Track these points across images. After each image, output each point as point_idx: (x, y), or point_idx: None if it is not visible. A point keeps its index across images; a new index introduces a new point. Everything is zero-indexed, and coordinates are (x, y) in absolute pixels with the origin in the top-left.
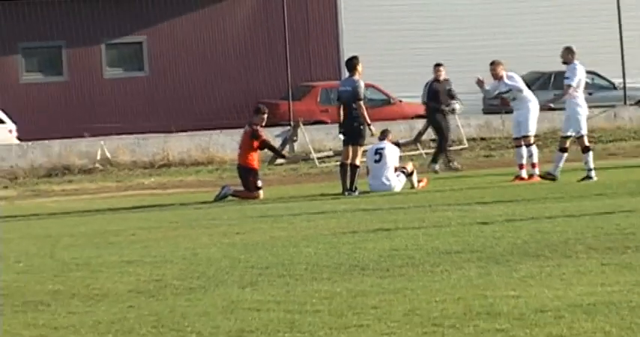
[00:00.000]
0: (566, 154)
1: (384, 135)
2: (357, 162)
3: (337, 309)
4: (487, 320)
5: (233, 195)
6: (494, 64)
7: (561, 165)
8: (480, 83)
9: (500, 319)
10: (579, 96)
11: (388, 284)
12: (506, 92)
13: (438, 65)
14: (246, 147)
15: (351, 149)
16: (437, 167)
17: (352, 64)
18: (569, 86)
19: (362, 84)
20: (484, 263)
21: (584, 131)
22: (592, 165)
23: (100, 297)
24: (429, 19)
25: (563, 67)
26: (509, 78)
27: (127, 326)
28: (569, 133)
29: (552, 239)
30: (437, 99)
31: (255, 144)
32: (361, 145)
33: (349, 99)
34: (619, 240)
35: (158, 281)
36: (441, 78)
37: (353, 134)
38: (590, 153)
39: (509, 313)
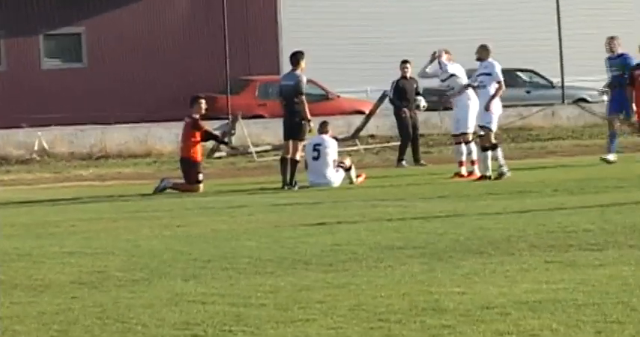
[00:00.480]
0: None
1: (322, 128)
2: (298, 157)
3: (282, 303)
4: (433, 316)
5: (172, 188)
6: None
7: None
8: (434, 57)
9: (446, 315)
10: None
11: (332, 279)
12: (446, 79)
13: (404, 62)
14: (188, 140)
15: (291, 144)
16: (404, 163)
17: (296, 58)
18: (500, 82)
19: (304, 79)
20: (427, 260)
21: (495, 126)
22: (503, 161)
23: (43, 288)
24: (369, 15)
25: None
26: (451, 67)
27: (72, 317)
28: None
29: (495, 236)
30: (403, 96)
31: (197, 135)
32: (302, 140)
33: (291, 93)
34: (561, 238)
35: (101, 273)
36: (408, 75)
37: (294, 129)
38: (499, 150)
39: (455, 309)
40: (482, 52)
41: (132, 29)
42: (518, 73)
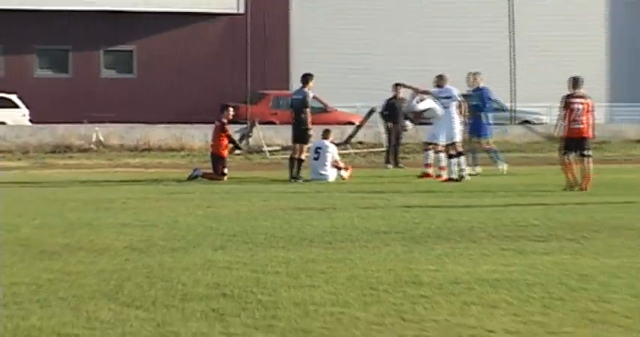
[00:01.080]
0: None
1: (325, 135)
2: (303, 157)
3: (293, 272)
4: (413, 287)
5: (202, 177)
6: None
7: (456, 168)
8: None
9: (424, 287)
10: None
11: (332, 255)
12: (424, 111)
13: (397, 85)
14: (217, 139)
15: (298, 146)
16: (389, 166)
17: (306, 78)
18: (461, 102)
19: (311, 95)
20: (407, 243)
21: (458, 138)
22: (465, 166)
23: (102, 251)
24: (362, 46)
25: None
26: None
27: (125, 275)
28: (443, 141)
29: (460, 226)
30: (393, 112)
31: (224, 136)
32: (306, 143)
33: (299, 106)
34: (514, 230)
35: (147, 241)
36: (399, 96)
37: (300, 134)
38: (463, 158)
39: (431, 283)
40: (440, 81)
41: (173, 49)
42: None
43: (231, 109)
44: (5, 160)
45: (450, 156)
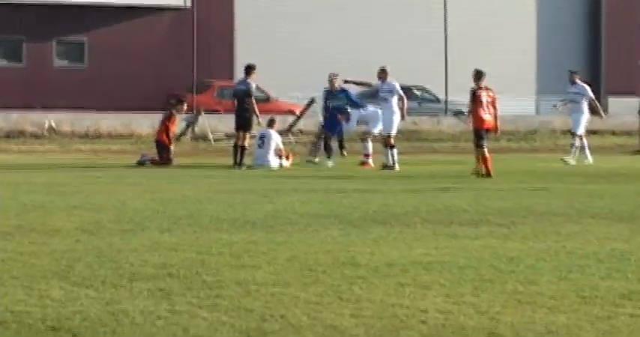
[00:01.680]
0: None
1: (270, 123)
2: (246, 144)
3: (236, 253)
4: (350, 269)
5: (151, 162)
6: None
7: (390, 158)
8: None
9: (360, 269)
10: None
11: (273, 237)
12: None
13: (345, 81)
14: (162, 127)
15: (241, 133)
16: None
17: (249, 69)
18: (402, 96)
19: (254, 85)
20: (345, 226)
21: (394, 131)
22: (397, 158)
23: (53, 232)
24: (303, 37)
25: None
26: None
27: (76, 255)
28: (384, 131)
29: (396, 211)
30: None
31: (170, 126)
32: (249, 131)
33: (243, 96)
34: (446, 216)
35: (97, 223)
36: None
37: (244, 122)
38: (395, 149)
39: (367, 265)
40: (382, 74)
41: (123, 40)
42: (413, 90)
43: (185, 105)
44: None
45: (386, 146)
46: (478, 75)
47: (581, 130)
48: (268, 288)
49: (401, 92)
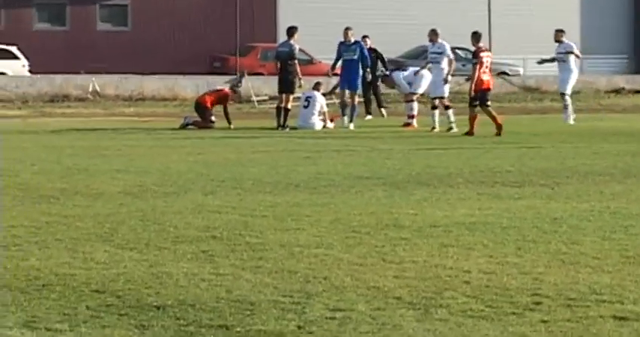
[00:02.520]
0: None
1: (316, 86)
2: (289, 106)
3: (279, 216)
4: (394, 230)
5: (193, 124)
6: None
7: (437, 119)
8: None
9: (404, 230)
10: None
11: (316, 199)
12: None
13: (365, 36)
14: (213, 96)
15: (284, 96)
16: (369, 116)
17: (292, 31)
18: (451, 59)
19: (297, 47)
20: (388, 188)
21: (447, 93)
22: (453, 119)
23: (97, 196)
24: (345, 2)
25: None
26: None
27: (120, 218)
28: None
29: (439, 172)
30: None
31: (215, 99)
32: (292, 93)
33: (286, 58)
34: (489, 176)
35: (141, 186)
36: (370, 45)
37: (287, 84)
38: (451, 111)
39: (410, 226)
40: (433, 36)
41: (166, 3)
42: (456, 51)
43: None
44: (5, 109)
45: (434, 108)
46: (476, 36)
47: (568, 90)
48: (311, 250)
49: (451, 55)
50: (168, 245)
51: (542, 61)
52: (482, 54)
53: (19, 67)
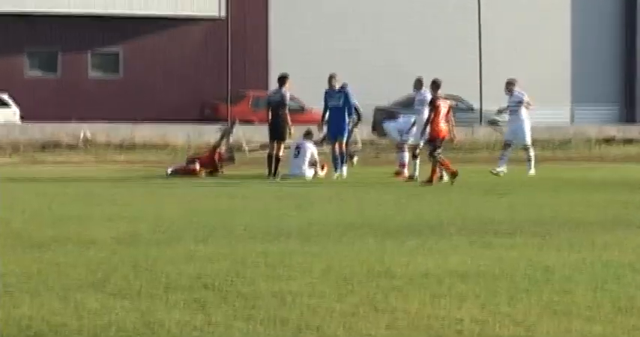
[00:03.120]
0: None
1: (307, 135)
2: (281, 154)
3: (271, 264)
4: (386, 279)
5: (176, 171)
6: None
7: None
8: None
9: (396, 280)
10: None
11: (308, 248)
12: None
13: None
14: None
15: (276, 144)
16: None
17: (283, 79)
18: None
19: (288, 95)
20: (380, 236)
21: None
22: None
23: (89, 243)
24: (337, 49)
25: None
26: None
27: (112, 266)
28: (413, 141)
29: (430, 221)
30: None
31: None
32: (284, 141)
33: (277, 105)
34: (481, 225)
35: (133, 234)
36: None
37: (278, 132)
38: (417, 160)
39: (403, 275)
40: (417, 84)
41: (158, 51)
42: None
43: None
44: None
45: (414, 156)
46: (435, 85)
47: (528, 140)
48: (304, 299)
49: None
50: (161, 293)
51: (500, 111)
52: (439, 102)
53: (10, 114)
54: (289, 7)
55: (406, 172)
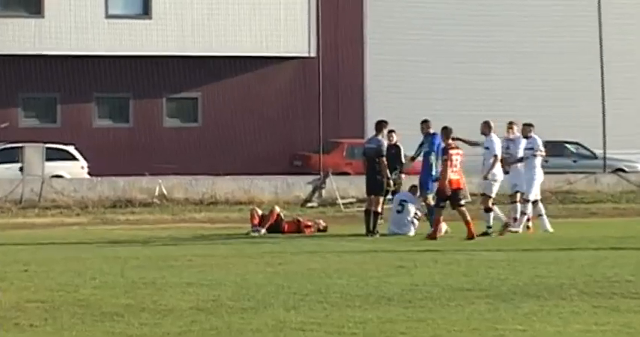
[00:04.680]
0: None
1: (413, 188)
2: (379, 209)
3: (371, 333)
4: None
5: (265, 228)
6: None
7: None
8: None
9: None
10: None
11: (412, 314)
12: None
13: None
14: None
15: (374, 198)
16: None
17: (380, 126)
18: (496, 156)
19: (385, 143)
20: (492, 300)
21: (493, 194)
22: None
23: (166, 312)
24: (431, 92)
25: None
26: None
27: None
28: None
29: (549, 283)
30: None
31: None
32: (382, 195)
33: (374, 155)
34: (606, 287)
35: (215, 301)
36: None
37: (376, 186)
38: (491, 213)
39: None
40: (485, 128)
41: (240, 95)
42: (567, 145)
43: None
44: (63, 216)
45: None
46: (446, 132)
47: (532, 195)
48: None
49: (496, 150)
50: None
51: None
52: (451, 151)
53: (77, 168)
54: (387, 44)
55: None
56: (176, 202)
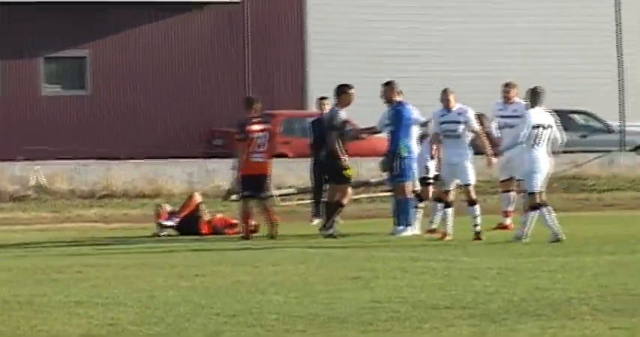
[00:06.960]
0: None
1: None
2: (345, 201)
3: None
4: None
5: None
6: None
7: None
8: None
9: None
10: None
11: None
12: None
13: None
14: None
15: (331, 187)
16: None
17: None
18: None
19: (342, 114)
20: (477, 322)
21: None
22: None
23: None
24: (386, 56)
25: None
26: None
27: None
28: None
29: (553, 297)
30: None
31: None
32: (344, 183)
33: (326, 130)
34: (627, 302)
35: (112, 326)
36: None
37: (334, 170)
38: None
39: None
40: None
41: (143, 54)
42: (573, 116)
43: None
44: None
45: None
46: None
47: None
48: None
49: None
50: None
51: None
52: None
53: None
54: None
55: (511, 222)
56: (58, 195)
